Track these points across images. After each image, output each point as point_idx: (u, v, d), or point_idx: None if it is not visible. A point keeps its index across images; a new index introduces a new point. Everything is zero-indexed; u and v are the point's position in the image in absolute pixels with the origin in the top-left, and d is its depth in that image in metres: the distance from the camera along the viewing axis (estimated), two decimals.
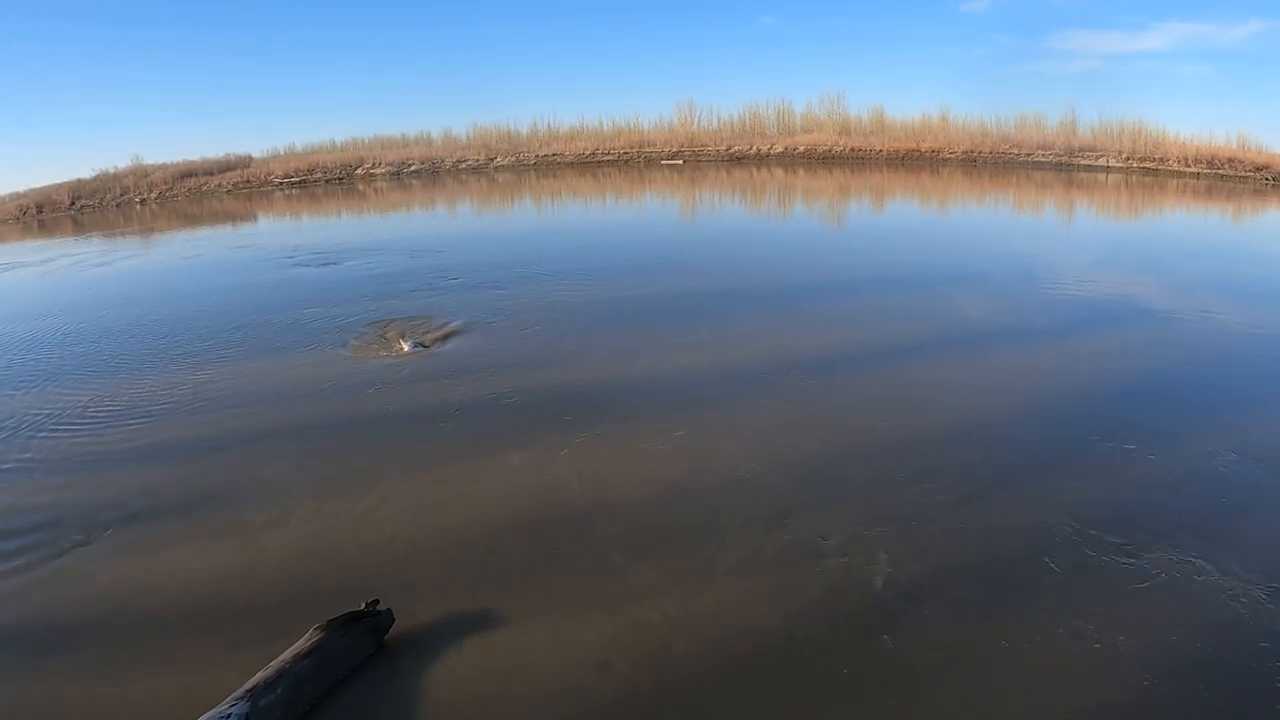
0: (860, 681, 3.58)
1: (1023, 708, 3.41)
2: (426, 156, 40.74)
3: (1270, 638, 3.77)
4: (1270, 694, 3.42)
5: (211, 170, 37.25)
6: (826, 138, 39.61)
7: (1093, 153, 34.31)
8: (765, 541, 4.70)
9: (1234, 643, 3.75)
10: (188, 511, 5.34)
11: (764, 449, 5.92)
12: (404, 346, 8.61)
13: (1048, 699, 3.45)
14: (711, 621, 4.02)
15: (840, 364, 7.77)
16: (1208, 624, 3.89)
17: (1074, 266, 12.82)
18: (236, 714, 3.19)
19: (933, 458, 5.71)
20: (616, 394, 7.11)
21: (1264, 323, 9.24)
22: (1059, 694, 3.47)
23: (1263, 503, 5.09)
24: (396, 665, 3.77)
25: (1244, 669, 3.58)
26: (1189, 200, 24.69)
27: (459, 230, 20.42)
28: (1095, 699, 3.43)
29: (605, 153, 40.85)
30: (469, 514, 5.14)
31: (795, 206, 24.38)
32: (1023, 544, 4.62)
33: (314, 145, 42.03)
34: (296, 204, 30.34)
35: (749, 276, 12.41)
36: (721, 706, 3.47)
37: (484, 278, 12.45)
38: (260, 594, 4.37)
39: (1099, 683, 3.52)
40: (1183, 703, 3.40)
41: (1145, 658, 3.66)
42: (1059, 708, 3.40)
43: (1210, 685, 3.48)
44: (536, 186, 32.31)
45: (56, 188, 33.14)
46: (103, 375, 8.38)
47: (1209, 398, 6.94)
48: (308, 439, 6.45)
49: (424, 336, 9.02)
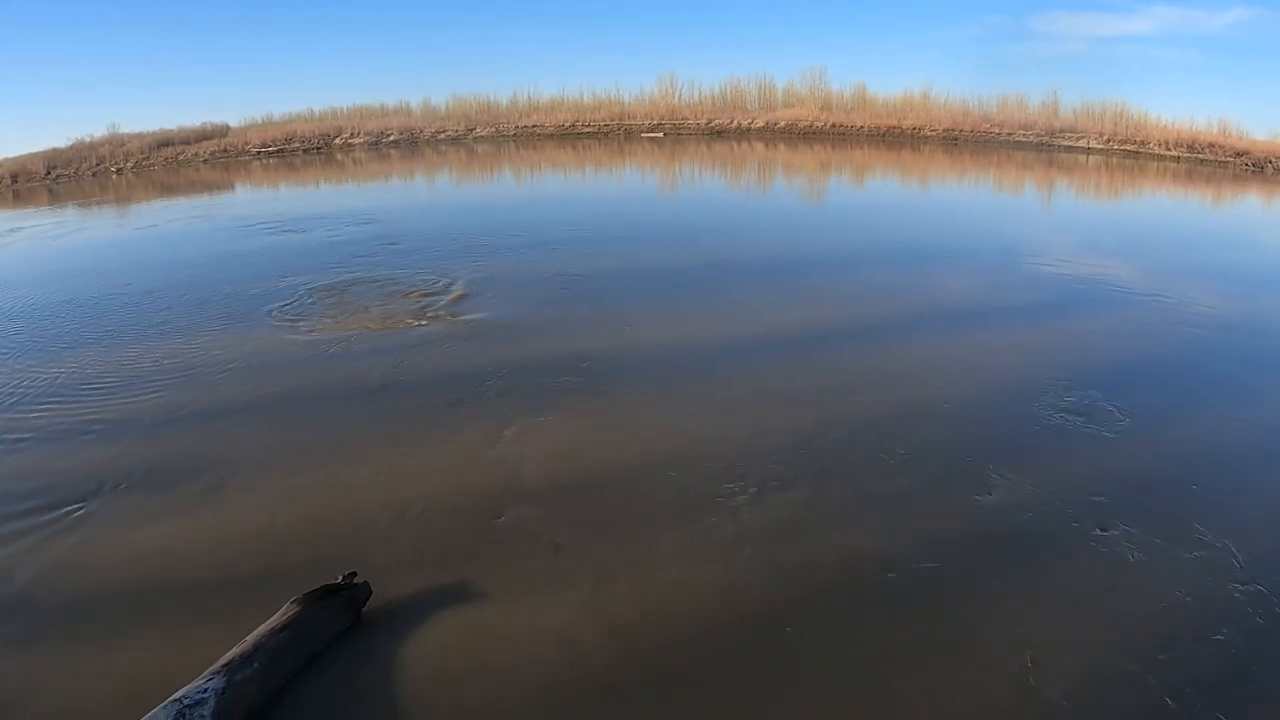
0: (837, 659, 3.63)
1: (1010, 684, 3.47)
2: (405, 127, 40.12)
3: (1236, 607, 3.88)
4: (1235, 675, 3.52)
5: (188, 139, 36.39)
6: (808, 113, 39.43)
7: (1074, 134, 34.46)
8: (746, 517, 4.72)
9: (1204, 612, 3.86)
10: (159, 486, 5.28)
11: (746, 424, 5.94)
12: (379, 319, 8.53)
13: (1028, 679, 3.51)
14: (690, 596, 4.04)
15: (824, 340, 7.79)
16: (1187, 595, 4.00)
17: (1054, 247, 12.91)
18: (213, 688, 3.18)
19: (917, 433, 5.76)
20: (594, 368, 7.09)
21: (1241, 307, 9.37)
22: (1043, 672, 3.54)
23: (1239, 481, 5.22)
24: (374, 638, 3.77)
25: (1202, 641, 3.68)
26: (1169, 183, 24.89)
27: (427, 200, 20.17)
28: (1077, 674, 3.51)
29: (585, 125, 40.41)
30: (445, 487, 5.12)
31: (777, 182, 24.30)
32: (1004, 522, 4.69)
33: (292, 114, 41.16)
34: (274, 173, 29.82)
35: (730, 251, 12.36)
36: (696, 680, 3.51)
37: (453, 246, 12.35)
38: (235, 567, 4.34)
39: (1084, 658, 3.60)
40: (1166, 675, 3.49)
41: (1127, 632, 3.75)
42: (1043, 685, 3.47)
43: (1188, 656, 3.58)
44: (516, 158, 31.97)
45: (31, 157, 32.21)
46: (72, 349, 8.22)
47: (1188, 379, 7.07)
48: (278, 411, 6.38)
49: (402, 308, 8.93)
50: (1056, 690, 3.40)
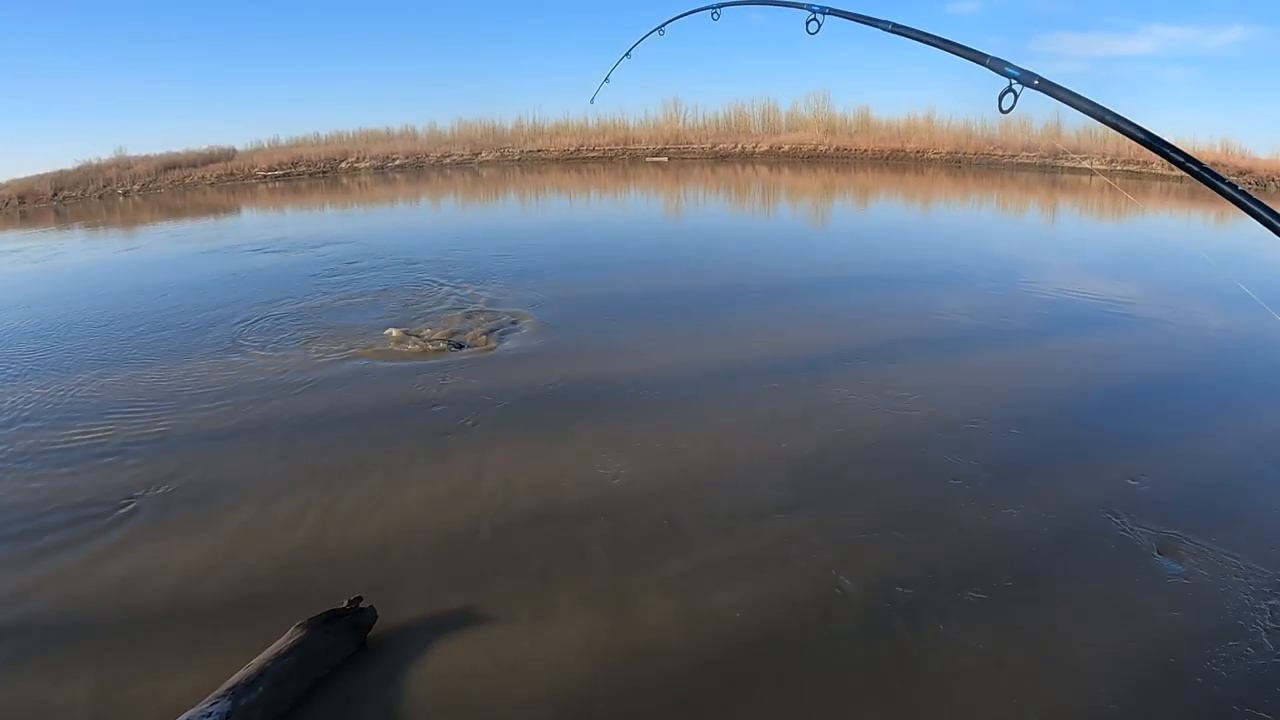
0: (851, 682, 3.59)
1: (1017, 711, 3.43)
2: (411, 151, 40.42)
3: (1243, 636, 3.83)
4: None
5: (195, 162, 36.72)
6: (812, 136, 39.66)
7: (1077, 155, 34.54)
8: (753, 542, 4.69)
9: (1216, 636, 3.80)
10: (162, 509, 5.25)
11: (749, 448, 5.94)
12: (393, 338, 8.57)
13: (1039, 702, 3.47)
14: (700, 622, 4.00)
15: (829, 363, 7.77)
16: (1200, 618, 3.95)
17: (1058, 269, 12.93)
18: (217, 713, 3.15)
19: (921, 458, 5.73)
20: (598, 392, 7.10)
21: (1243, 327, 9.34)
22: (1054, 695, 3.50)
23: (1246, 503, 5.17)
24: (379, 663, 3.73)
25: (1215, 671, 3.63)
26: (1172, 203, 24.93)
27: (435, 223, 20.31)
28: (1093, 697, 3.46)
29: (590, 149, 40.66)
30: (452, 511, 5.10)
31: (781, 205, 24.40)
32: (1007, 546, 4.65)
33: (298, 138, 41.49)
34: (280, 197, 30.04)
35: (734, 275, 12.38)
36: (707, 709, 3.46)
37: (465, 271, 12.39)
38: (240, 592, 4.31)
39: (1095, 682, 3.55)
40: (1170, 699, 3.45)
41: (1139, 653, 3.71)
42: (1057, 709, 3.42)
43: (1192, 685, 3.53)
44: (521, 182, 32.17)
45: (39, 178, 32.51)
46: (70, 371, 8.24)
47: (1192, 401, 7.02)
48: (280, 436, 6.36)
49: (407, 331, 8.95)
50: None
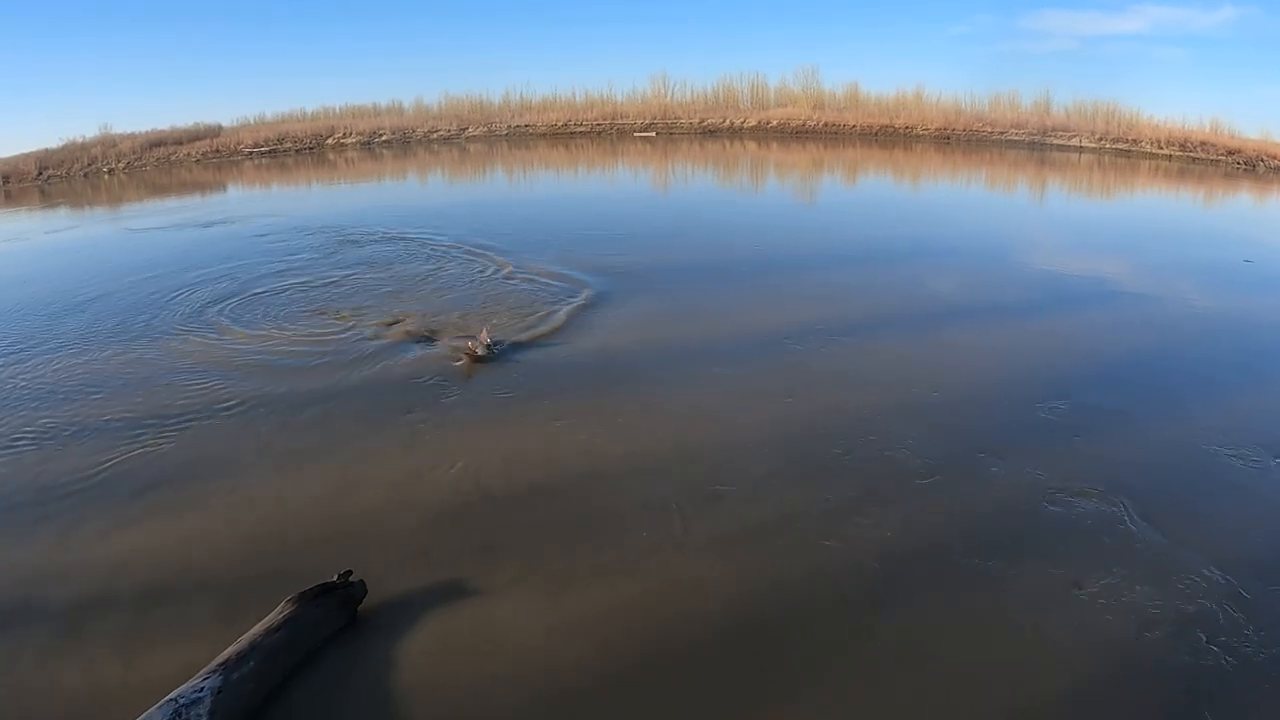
0: (837, 653, 3.67)
1: (1001, 682, 3.51)
2: (398, 126, 40.05)
3: (1212, 600, 3.94)
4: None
5: (180, 140, 36.24)
6: (800, 112, 39.44)
7: (1066, 132, 34.57)
8: (741, 516, 4.76)
9: (1180, 604, 3.92)
10: (148, 488, 5.25)
11: (740, 423, 5.98)
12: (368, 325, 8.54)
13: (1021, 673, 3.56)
14: (689, 594, 4.07)
15: (819, 339, 7.80)
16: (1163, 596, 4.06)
17: (1045, 246, 13.00)
18: (209, 687, 3.18)
19: (904, 433, 5.79)
20: (586, 368, 7.13)
21: (1229, 306, 9.42)
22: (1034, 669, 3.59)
23: (1221, 481, 5.27)
24: (369, 637, 3.78)
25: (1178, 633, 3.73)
26: (1161, 182, 24.97)
27: (432, 200, 20.15)
28: (1068, 670, 3.56)
29: (578, 124, 40.38)
30: (440, 486, 5.14)
31: (769, 181, 24.31)
32: (990, 519, 4.74)
33: (284, 114, 40.97)
34: (266, 173, 29.72)
35: (721, 251, 12.36)
36: (698, 682, 3.53)
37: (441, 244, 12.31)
38: (231, 567, 4.34)
39: (1073, 654, 3.64)
40: (1146, 662, 3.57)
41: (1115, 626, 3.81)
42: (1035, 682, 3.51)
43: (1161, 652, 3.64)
44: (508, 157, 31.93)
45: (24, 158, 32.00)
46: (55, 351, 8.18)
47: (1176, 378, 7.11)
48: (269, 413, 6.35)
49: (370, 315, 8.92)
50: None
